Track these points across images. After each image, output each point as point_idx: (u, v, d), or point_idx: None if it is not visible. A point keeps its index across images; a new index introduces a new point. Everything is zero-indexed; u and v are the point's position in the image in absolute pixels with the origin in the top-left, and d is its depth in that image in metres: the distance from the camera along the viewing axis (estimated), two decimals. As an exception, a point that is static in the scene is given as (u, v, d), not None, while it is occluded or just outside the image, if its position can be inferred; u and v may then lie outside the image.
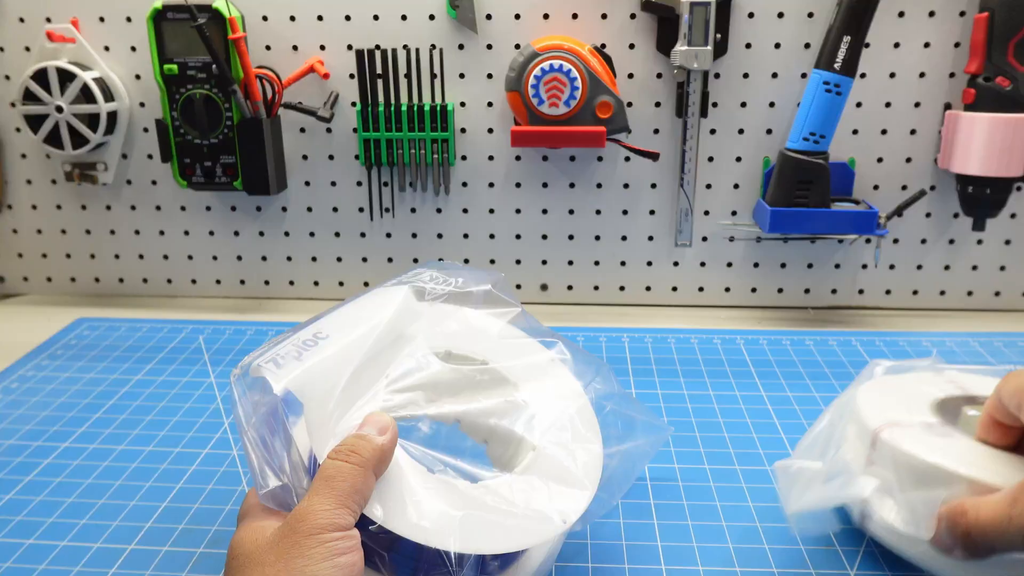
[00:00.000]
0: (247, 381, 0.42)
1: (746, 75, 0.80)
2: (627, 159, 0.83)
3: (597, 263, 0.88)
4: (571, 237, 0.87)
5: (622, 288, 0.88)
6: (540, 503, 0.43)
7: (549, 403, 0.48)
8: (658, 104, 0.81)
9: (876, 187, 0.82)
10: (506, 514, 0.41)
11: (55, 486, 0.55)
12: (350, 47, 0.81)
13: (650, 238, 0.86)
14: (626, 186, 0.84)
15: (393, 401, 0.44)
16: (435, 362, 0.48)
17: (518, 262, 0.88)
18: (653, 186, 0.84)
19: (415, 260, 0.88)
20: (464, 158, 0.84)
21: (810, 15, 0.78)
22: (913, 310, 0.86)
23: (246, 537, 0.38)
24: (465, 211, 0.86)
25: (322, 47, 0.82)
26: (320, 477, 0.38)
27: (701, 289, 0.88)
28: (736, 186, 0.84)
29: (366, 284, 0.90)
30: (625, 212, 0.85)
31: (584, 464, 0.46)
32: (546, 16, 0.79)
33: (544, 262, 0.88)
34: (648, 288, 0.88)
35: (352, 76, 0.82)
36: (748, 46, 0.79)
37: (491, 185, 0.85)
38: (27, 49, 0.84)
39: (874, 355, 0.74)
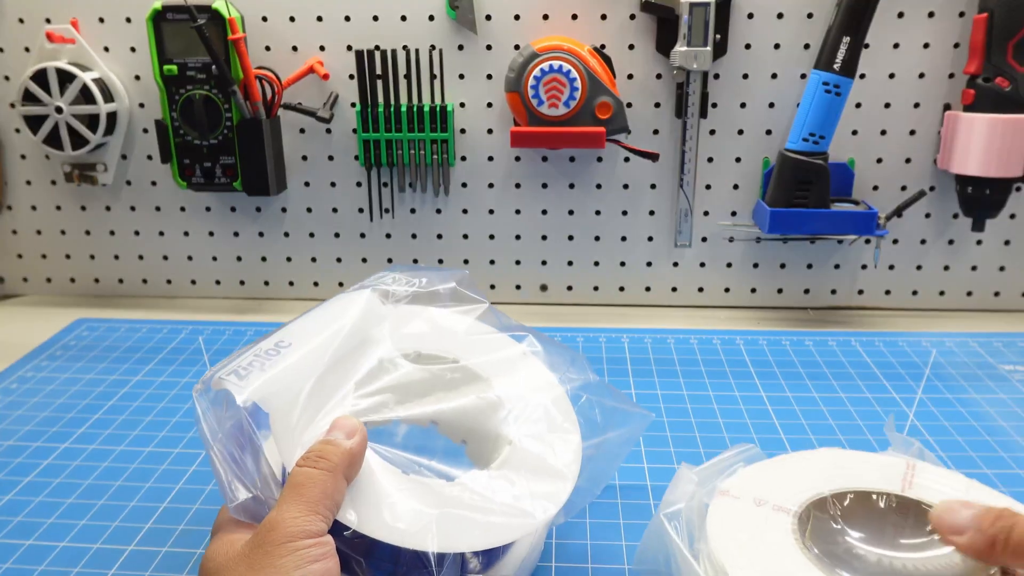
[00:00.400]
0: (210, 396, 0.41)
1: (745, 76, 0.80)
2: (627, 160, 0.83)
3: (597, 263, 0.88)
4: (571, 238, 0.87)
5: (622, 288, 0.88)
6: (518, 497, 0.42)
7: (523, 396, 0.48)
8: (658, 105, 0.81)
9: (876, 187, 0.82)
10: (484, 510, 0.41)
11: (55, 487, 0.55)
12: (350, 48, 0.81)
13: (650, 239, 0.86)
14: (626, 187, 0.84)
15: (361, 405, 0.44)
16: (404, 363, 0.47)
17: (518, 263, 0.88)
18: (653, 187, 0.84)
19: (415, 260, 0.88)
20: (464, 159, 0.85)
21: (810, 16, 0.78)
22: (913, 310, 0.86)
23: (218, 550, 0.38)
24: (465, 212, 0.86)
25: (322, 48, 0.82)
26: (289, 485, 0.37)
27: (701, 290, 0.88)
28: (736, 187, 0.84)
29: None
30: (625, 213, 0.85)
31: (562, 455, 0.45)
32: (545, 17, 0.79)
33: (544, 263, 0.88)
34: (648, 288, 0.88)
35: (352, 77, 0.82)
36: (748, 47, 0.79)
37: (491, 186, 0.85)
38: (27, 50, 0.84)
39: (873, 355, 0.74)
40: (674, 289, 0.88)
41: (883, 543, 0.42)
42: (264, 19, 0.81)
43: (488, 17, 0.80)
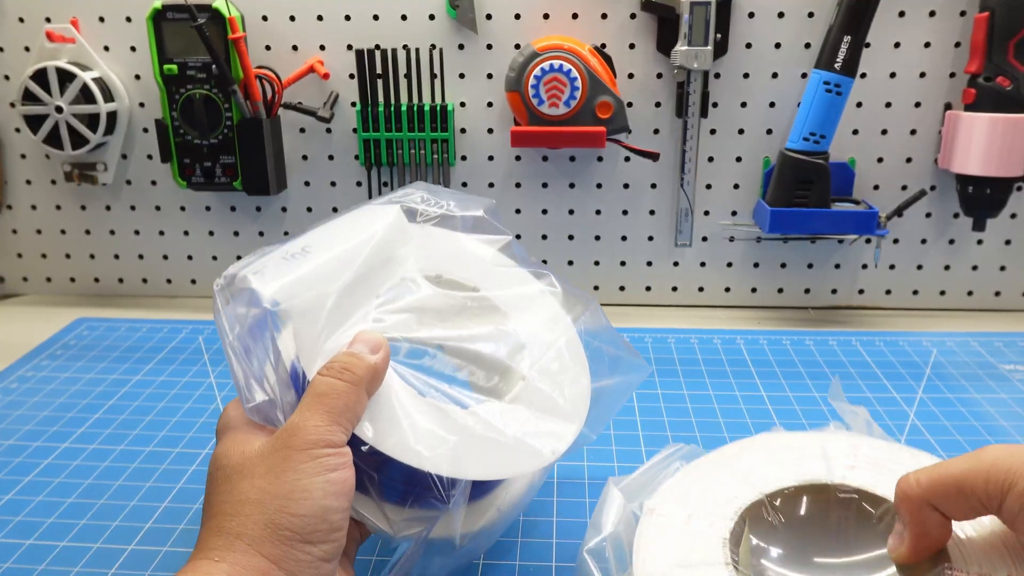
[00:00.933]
0: (231, 291, 0.41)
1: (746, 75, 0.80)
2: (627, 159, 0.83)
3: (597, 263, 0.88)
4: (571, 237, 0.87)
5: (622, 288, 0.88)
6: (529, 434, 0.42)
7: (538, 334, 0.48)
8: (658, 104, 0.81)
9: (876, 187, 0.82)
10: (496, 442, 0.41)
11: (55, 486, 0.55)
12: (350, 47, 0.81)
13: (650, 238, 0.86)
14: (626, 186, 0.84)
15: (384, 322, 0.43)
16: (426, 285, 0.47)
17: (518, 262, 0.88)
18: (653, 186, 0.84)
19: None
20: (464, 158, 0.84)
21: (810, 15, 0.78)
22: (913, 310, 0.86)
23: (232, 449, 0.37)
24: (465, 211, 0.86)
25: (322, 47, 0.82)
26: (312, 393, 0.37)
27: (701, 289, 0.88)
28: (736, 186, 0.84)
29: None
30: (625, 212, 0.85)
31: (572, 398, 0.45)
32: (546, 16, 0.79)
33: (544, 262, 0.88)
34: (648, 288, 0.88)
35: (352, 76, 0.82)
36: (748, 46, 0.79)
37: (491, 185, 0.85)
38: (27, 49, 0.84)
39: (874, 355, 0.74)
40: (674, 289, 0.88)
41: (819, 548, 0.40)
42: (264, 18, 0.81)
43: (488, 16, 0.80)
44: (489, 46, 0.81)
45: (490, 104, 0.82)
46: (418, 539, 0.40)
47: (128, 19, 0.82)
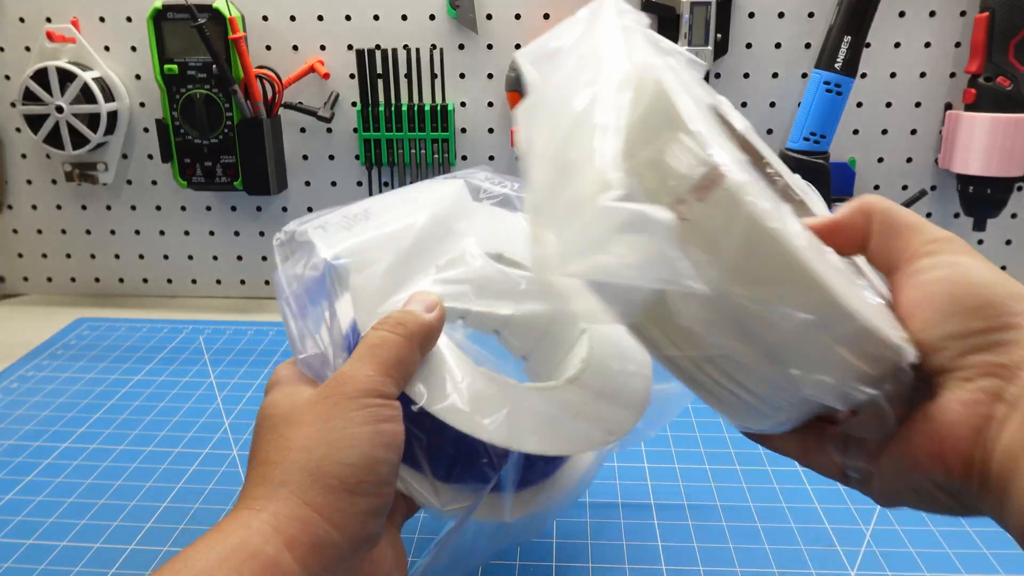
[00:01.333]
0: (292, 247, 0.41)
1: (747, 75, 0.80)
2: (627, 159, 0.83)
3: (597, 263, 0.87)
4: (571, 237, 0.87)
5: (622, 288, 0.88)
6: (585, 416, 0.41)
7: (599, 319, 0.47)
8: (658, 104, 0.81)
9: (877, 187, 0.82)
10: (551, 418, 0.40)
11: (55, 486, 0.55)
12: (350, 47, 0.81)
13: (650, 238, 0.86)
14: (626, 186, 0.84)
15: (440, 289, 0.43)
16: (486, 261, 0.46)
17: (518, 262, 0.88)
18: (653, 186, 0.84)
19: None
20: (464, 158, 0.84)
21: (810, 15, 0.78)
22: (913, 310, 0.86)
23: (281, 400, 0.37)
24: (465, 211, 0.86)
25: (322, 47, 0.82)
26: (364, 345, 0.36)
27: (701, 289, 0.88)
28: (736, 186, 0.83)
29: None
30: (625, 212, 0.85)
31: (632, 389, 0.44)
32: (546, 16, 0.79)
33: (544, 262, 0.88)
34: (648, 288, 0.88)
35: (352, 76, 0.82)
36: (748, 46, 0.79)
37: (491, 185, 0.85)
38: (27, 49, 0.84)
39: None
40: (675, 289, 0.88)
41: None
42: (265, 18, 0.81)
43: (489, 16, 0.80)
44: (489, 46, 0.81)
45: (490, 104, 0.82)
46: (464, 515, 0.39)
47: (128, 19, 0.82)
